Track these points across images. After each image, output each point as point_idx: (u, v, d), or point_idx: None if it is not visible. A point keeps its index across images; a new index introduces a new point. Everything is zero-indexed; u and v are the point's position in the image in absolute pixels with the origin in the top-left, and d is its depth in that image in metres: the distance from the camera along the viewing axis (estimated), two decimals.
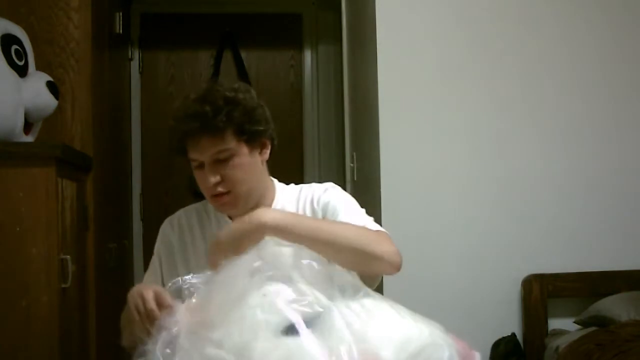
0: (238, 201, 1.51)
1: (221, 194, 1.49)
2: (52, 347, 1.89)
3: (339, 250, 1.36)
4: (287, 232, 1.33)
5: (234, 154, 1.47)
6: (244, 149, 1.49)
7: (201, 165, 1.48)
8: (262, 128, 1.52)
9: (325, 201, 1.55)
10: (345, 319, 1.20)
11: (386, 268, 1.41)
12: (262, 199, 1.57)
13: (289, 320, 1.17)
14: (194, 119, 1.44)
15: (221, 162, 1.47)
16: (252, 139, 1.50)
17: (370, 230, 1.47)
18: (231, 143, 1.47)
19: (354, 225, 1.46)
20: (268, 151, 1.56)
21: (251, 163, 1.51)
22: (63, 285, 1.95)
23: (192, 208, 1.67)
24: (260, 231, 1.33)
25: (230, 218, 1.58)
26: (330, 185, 1.61)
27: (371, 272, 1.45)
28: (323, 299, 1.22)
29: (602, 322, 2.56)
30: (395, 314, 1.29)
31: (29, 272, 1.88)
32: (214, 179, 1.47)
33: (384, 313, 1.28)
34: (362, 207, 1.60)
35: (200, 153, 1.47)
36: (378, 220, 1.59)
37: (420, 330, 1.25)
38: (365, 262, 1.39)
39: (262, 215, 1.36)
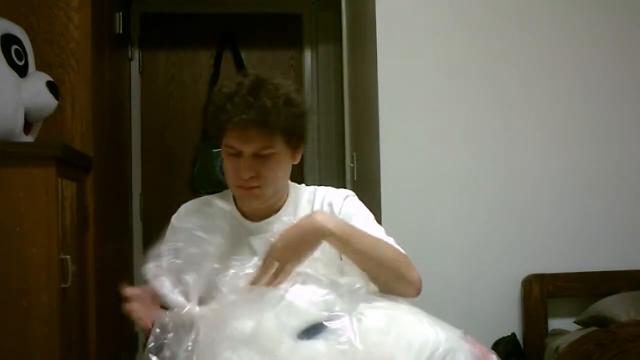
0: (263, 196, 1.52)
1: (251, 187, 1.49)
2: (52, 347, 1.89)
3: (379, 267, 1.37)
4: (344, 242, 1.33)
5: (275, 152, 1.47)
6: (285, 150, 1.50)
7: (238, 154, 1.47)
8: (306, 133, 1.53)
9: (348, 212, 1.55)
10: (362, 323, 1.20)
11: (411, 292, 1.43)
12: (279, 196, 1.59)
13: (306, 323, 1.16)
14: (250, 109, 1.41)
15: (260, 157, 1.47)
16: (296, 143, 1.52)
17: (402, 253, 1.47)
18: (277, 142, 1.47)
19: (391, 246, 1.47)
20: (300, 155, 1.57)
21: (285, 164, 1.53)
22: (63, 285, 1.95)
23: (197, 200, 1.68)
24: (321, 236, 1.32)
25: (240, 211, 1.59)
26: (350, 194, 1.61)
27: (395, 293, 1.44)
28: (341, 303, 1.22)
29: (602, 322, 2.56)
30: (412, 317, 1.29)
31: (29, 272, 1.88)
32: (250, 173, 1.47)
33: (401, 317, 1.28)
34: None
35: (245, 144, 1.45)
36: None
37: (437, 334, 1.25)
38: (396, 283, 1.40)
39: (324, 221, 1.35)
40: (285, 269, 1.31)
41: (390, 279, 1.39)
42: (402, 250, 1.49)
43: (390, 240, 1.51)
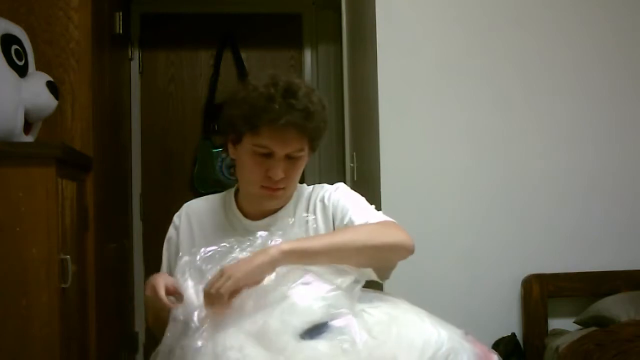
0: (284, 196, 1.56)
1: (277, 188, 1.51)
2: (52, 347, 1.88)
3: (354, 253, 1.38)
4: (302, 253, 1.33)
5: (302, 155, 1.52)
6: (307, 153, 1.54)
7: (268, 155, 1.48)
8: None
9: (336, 199, 1.58)
10: (364, 322, 1.20)
11: (401, 254, 1.44)
12: (291, 197, 1.62)
13: (308, 323, 1.16)
14: (295, 111, 1.44)
15: (290, 159, 1.50)
16: (314, 146, 1.56)
17: (375, 223, 1.49)
18: (306, 144, 1.51)
19: (359, 226, 1.49)
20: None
21: (303, 167, 1.57)
22: (63, 285, 1.94)
23: (199, 199, 1.70)
24: (278, 260, 1.31)
25: (241, 211, 1.60)
26: (341, 185, 1.64)
27: (390, 263, 1.46)
28: (343, 301, 1.22)
29: (602, 322, 2.56)
30: (414, 317, 1.29)
31: (29, 272, 1.88)
32: (282, 174, 1.49)
33: (403, 316, 1.28)
34: None
35: (282, 144, 1.47)
36: None
37: (440, 334, 1.25)
38: (381, 255, 1.42)
39: (275, 246, 1.34)
40: (234, 285, 1.27)
41: (377, 254, 1.40)
42: (386, 218, 1.52)
43: (378, 215, 1.53)
